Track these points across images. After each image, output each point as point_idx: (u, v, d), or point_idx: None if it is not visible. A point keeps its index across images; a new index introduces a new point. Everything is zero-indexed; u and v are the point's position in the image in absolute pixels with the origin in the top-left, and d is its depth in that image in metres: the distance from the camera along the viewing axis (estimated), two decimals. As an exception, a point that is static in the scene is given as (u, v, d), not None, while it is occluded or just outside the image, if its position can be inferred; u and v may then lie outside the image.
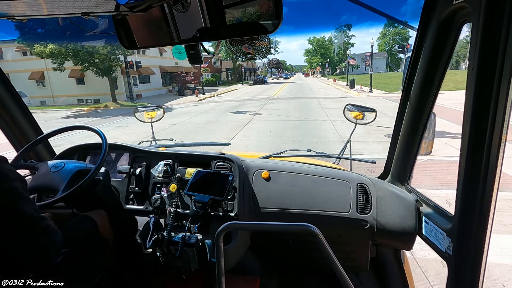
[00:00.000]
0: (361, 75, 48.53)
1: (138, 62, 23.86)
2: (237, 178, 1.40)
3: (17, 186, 0.91)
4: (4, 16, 0.95)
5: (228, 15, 0.87)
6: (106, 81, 22.64)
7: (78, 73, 23.39)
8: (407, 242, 1.32)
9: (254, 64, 70.24)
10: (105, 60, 20.94)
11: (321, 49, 75.76)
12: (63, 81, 23.88)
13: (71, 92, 25.05)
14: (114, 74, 22.48)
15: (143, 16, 0.94)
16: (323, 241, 0.74)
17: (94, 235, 1.25)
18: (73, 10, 0.95)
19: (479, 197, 0.83)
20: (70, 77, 24.02)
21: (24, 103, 1.62)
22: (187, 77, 31.77)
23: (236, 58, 43.54)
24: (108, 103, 22.29)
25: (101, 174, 1.38)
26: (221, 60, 47.86)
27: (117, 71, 22.82)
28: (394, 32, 63.21)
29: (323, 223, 1.32)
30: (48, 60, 20.13)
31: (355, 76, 50.30)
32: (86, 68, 21.36)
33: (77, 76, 24.25)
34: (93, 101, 25.02)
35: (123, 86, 25.52)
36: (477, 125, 0.80)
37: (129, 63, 22.74)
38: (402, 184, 1.44)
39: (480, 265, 0.89)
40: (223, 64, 49.77)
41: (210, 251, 1.25)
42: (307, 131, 9.26)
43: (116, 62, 21.62)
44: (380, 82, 29.70)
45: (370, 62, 27.43)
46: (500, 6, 0.70)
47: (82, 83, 25.26)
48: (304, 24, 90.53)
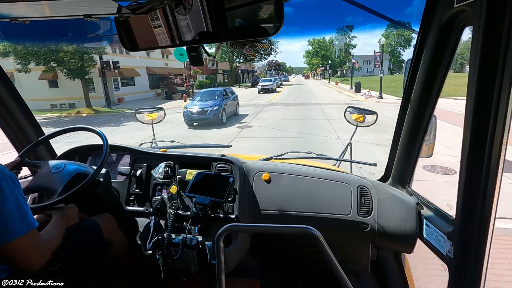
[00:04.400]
0: (363, 78, 46.44)
1: (116, 62, 19.92)
2: (237, 180, 1.40)
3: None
4: (7, 18, 0.96)
5: (229, 18, 0.88)
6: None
7: (49, 74, 19.38)
8: (408, 245, 1.31)
9: (252, 66, 68.42)
10: (75, 59, 17.43)
11: (322, 50, 72.89)
12: (34, 83, 19.83)
13: (43, 95, 21.19)
14: (88, 76, 18.89)
15: (144, 18, 0.95)
16: (323, 244, 0.74)
17: (97, 239, 1.25)
18: (76, 12, 0.95)
19: (480, 200, 0.83)
20: (41, 79, 20.38)
21: (26, 104, 1.62)
22: (176, 80, 28.84)
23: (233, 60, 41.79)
24: (81, 109, 19.13)
25: (102, 176, 1.38)
26: (217, 61, 44.58)
27: (93, 72, 19.39)
28: (397, 33, 61.97)
29: (324, 225, 1.32)
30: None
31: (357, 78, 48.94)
32: (51, 69, 17.72)
33: (49, 78, 20.60)
34: (68, 106, 21.54)
35: (109, 88, 22.10)
36: (478, 128, 0.80)
37: (105, 64, 19.23)
38: (403, 186, 1.44)
39: (481, 268, 0.88)
40: (219, 66, 46.65)
41: (210, 253, 1.25)
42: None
43: (89, 62, 18.27)
44: (387, 85, 25.56)
45: (380, 64, 23.59)
46: (501, 10, 0.70)
47: (55, 85, 21.73)
48: (306, 26, 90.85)
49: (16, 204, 0.92)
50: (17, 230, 0.91)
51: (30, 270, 0.97)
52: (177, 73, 30.25)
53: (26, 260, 0.96)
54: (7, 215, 0.90)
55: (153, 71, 28.85)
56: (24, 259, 0.95)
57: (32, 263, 0.97)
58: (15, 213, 0.91)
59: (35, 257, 0.98)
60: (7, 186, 0.91)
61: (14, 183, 0.94)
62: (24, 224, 0.93)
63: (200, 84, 34.76)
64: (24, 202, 0.95)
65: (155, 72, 29.00)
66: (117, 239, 1.37)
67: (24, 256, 0.95)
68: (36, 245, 0.98)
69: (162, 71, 29.41)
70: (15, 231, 0.91)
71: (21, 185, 0.98)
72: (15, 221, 0.91)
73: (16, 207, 0.92)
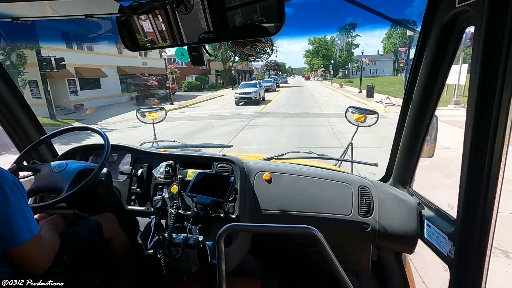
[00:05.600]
0: (367, 79, 40.52)
1: (60, 59, 14.11)
2: (238, 179, 1.40)
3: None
4: (9, 18, 0.96)
5: (230, 17, 0.88)
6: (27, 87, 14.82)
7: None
8: (409, 246, 1.31)
9: (249, 66, 61.28)
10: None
11: (323, 49, 70.96)
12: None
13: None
14: (21, 77, 13.96)
15: (146, 18, 0.95)
16: (324, 244, 0.74)
17: (97, 239, 1.26)
18: (77, 11, 0.96)
19: (482, 200, 0.83)
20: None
21: (27, 104, 1.63)
22: (151, 82, 23.49)
23: (228, 59, 36.91)
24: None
25: (103, 175, 1.38)
26: (209, 60, 35.77)
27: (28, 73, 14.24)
28: (401, 32, 57.98)
29: (324, 225, 1.32)
30: None
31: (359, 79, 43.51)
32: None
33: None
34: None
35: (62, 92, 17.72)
36: (480, 128, 0.80)
37: (44, 62, 13.59)
38: (404, 187, 1.44)
39: (483, 269, 0.88)
40: (212, 66, 40.74)
41: (211, 253, 1.25)
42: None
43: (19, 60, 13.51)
44: (398, 88, 21.45)
45: (404, 61, 18.64)
46: (503, 10, 0.70)
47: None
48: (306, 26, 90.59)
49: (20, 209, 0.92)
50: (22, 236, 0.92)
51: (35, 272, 0.97)
52: (155, 74, 25.11)
53: (32, 263, 0.97)
54: (12, 221, 0.90)
55: (126, 72, 23.24)
56: (30, 263, 0.96)
57: (38, 266, 0.98)
58: (19, 218, 0.92)
59: (41, 260, 0.99)
60: (11, 191, 0.91)
61: (18, 188, 0.94)
62: (28, 230, 0.93)
63: (189, 86, 31.18)
64: (27, 207, 0.96)
65: (128, 72, 23.40)
66: (118, 238, 1.38)
67: (30, 259, 0.96)
68: (41, 249, 0.99)
69: (137, 71, 24.08)
70: (20, 237, 0.91)
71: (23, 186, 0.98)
72: (20, 227, 0.91)
73: (20, 213, 0.92)
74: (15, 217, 0.90)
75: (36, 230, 0.96)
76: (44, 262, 1.00)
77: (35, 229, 0.96)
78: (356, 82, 32.97)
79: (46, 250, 1.01)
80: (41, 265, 0.99)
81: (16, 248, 0.91)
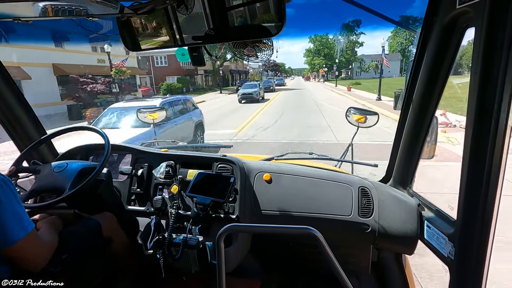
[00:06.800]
0: (371, 80, 36.74)
1: None
2: (238, 180, 1.40)
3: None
4: (9, 18, 0.96)
5: (231, 18, 0.88)
6: None
7: None
8: (409, 247, 1.31)
9: (245, 66, 55.35)
10: None
11: (325, 48, 65.21)
12: None
13: None
14: None
15: (147, 18, 0.95)
16: (324, 244, 0.74)
17: (97, 238, 1.26)
18: (79, 11, 0.95)
19: (482, 201, 0.83)
20: None
21: (28, 103, 1.63)
22: (96, 85, 17.22)
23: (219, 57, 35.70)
24: None
25: (103, 175, 1.38)
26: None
27: None
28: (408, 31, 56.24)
29: (324, 226, 1.32)
30: None
31: (365, 81, 37.32)
32: None
33: None
34: None
35: None
36: (480, 129, 0.80)
37: None
38: (404, 188, 1.44)
39: (483, 270, 0.88)
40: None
41: (211, 253, 1.25)
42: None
43: None
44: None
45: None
46: (503, 11, 0.70)
47: None
48: (307, 27, 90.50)
49: (11, 207, 0.92)
50: (15, 234, 0.91)
51: (33, 270, 0.97)
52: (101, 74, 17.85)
53: (28, 261, 0.96)
54: (4, 219, 0.90)
55: (66, 72, 16.44)
56: (26, 261, 0.96)
57: (35, 264, 0.98)
58: (11, 217, 0.91)
59: (37, 258, 0.99)
60: (0, 189, 0.90)
61: (8, 186, 0.93)
62: (22, 228, 0.93)
63: (169, 88, 24.74)
64: (19, 205, 0.95)
65: (69, 72, 16.60)
66: (118, 238, 1.38)
67: (25, 257, 0.96)
68: (37, 247, 0.99)
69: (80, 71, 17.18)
70: (13, 235, 0.91)
71: (23, 186, 0.99)
72: (12, 226, 0.91)
73: (11, 211, 0.92)
74: (6, 216, 0.90)
75: (30, 228, 0.96)
76: (41, 259, 0.99)
77: (28, 226, 0.95)
78: (365, 84, 30.27)
79: (43, 247, 1.01)
80: (38, 263, 0.98)
81: (10, 247, 0.91)
